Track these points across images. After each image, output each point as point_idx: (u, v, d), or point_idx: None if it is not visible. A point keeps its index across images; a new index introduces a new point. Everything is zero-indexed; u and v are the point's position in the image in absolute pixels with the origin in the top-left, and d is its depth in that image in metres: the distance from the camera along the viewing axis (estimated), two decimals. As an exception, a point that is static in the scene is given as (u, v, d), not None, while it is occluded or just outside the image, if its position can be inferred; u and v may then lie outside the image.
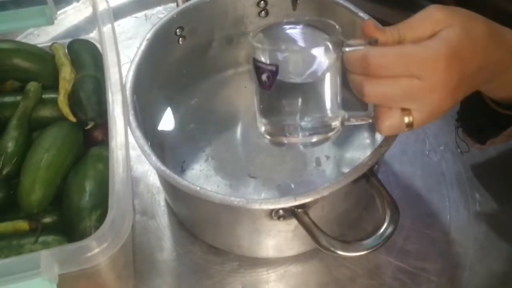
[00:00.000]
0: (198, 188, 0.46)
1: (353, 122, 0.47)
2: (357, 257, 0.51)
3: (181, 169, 0.61)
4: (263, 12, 0.65)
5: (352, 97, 0.45)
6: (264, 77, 0.45)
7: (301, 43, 0.48)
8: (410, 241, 0.57)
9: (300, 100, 0.46)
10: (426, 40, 0.41)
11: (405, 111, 0.42)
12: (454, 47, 0.40)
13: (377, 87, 0.41)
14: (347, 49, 0.43)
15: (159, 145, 0.62)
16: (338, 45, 0.44)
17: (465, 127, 0.58)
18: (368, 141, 0.62)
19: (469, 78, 0.42)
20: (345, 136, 0.62)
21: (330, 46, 0.44)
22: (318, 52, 0.45)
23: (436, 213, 0.59)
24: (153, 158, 0.48)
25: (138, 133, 0.50)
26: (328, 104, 0.46)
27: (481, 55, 0.41)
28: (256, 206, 0.45)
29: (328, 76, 0.45)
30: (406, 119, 0.42)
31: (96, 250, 0.40)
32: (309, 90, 0.46)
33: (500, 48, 0.43)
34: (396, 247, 0.56)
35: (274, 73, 0.44)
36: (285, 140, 0.48)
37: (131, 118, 0.51)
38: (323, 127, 0.47)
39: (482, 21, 0.42)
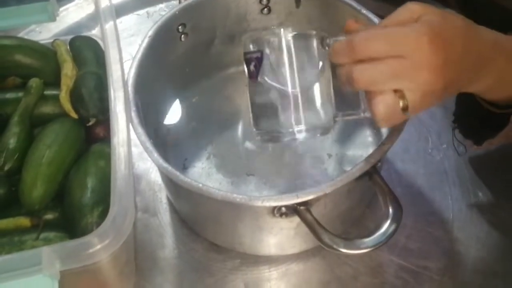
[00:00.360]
0: (200, 185, 0.46)
1: (345, 117, 0.48)
2: (360, 255, 0.51)
3: (183, 167, 0.61)
4: (265, 9, 0.64)
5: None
6: (251, 67, 0.47)
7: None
8: (412, 239, 0.56)
9: (292, 97, 0.47)
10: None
11: (398, 93, 0.42)
12: (436, 27, 0.41)
13: (365, 70, 0.41)
14: (332, 40, 0.45)
15: (161, 142, 0.62)
16: (323, 40, 0.45)
17: (462, 129, 0.58)
18: (370, 139, 0.62)
19: (454, 62, 0.42)
20: (347, 134, 0.62)
21: (315, 41, 0.46)
22: (304, 43, 0.46)
23: (438, 211, 0.59)
24: (155, 155, 0.48)
25: (140, 129, 0.50)
26: (320, 100, 0.47)
27: (462, 41, 0.42)
28: (258, 203, 0.45)
29: (317, 73, 0.46)
30: (401, 102, 0.41)
31: (98, 247, 0.40)
32: (299, 86, 0.47)
33: (479, 40, 0.44)
34: (399, 246, 0.56)
35: (259, 60, 0.46)
36: (278, 138, 0.49)
37: (133, 114, 0.51)
38: (316, 123, 0.47)
39: (457, 15, 0.44)
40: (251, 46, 0.48)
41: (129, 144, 0.46)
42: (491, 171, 0.62)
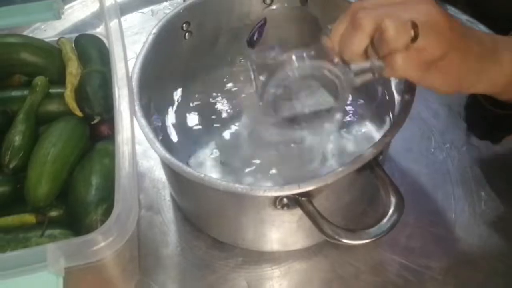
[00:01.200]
0: (202, 175, 0.46)
1: (358, 73, 0.46)
2: (362, 245, 0.49)
3: (187, 164, 0.61)
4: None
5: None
6: (256, 35, 0.46)
7: None
8: (414, 238, 0.57)
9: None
10: None
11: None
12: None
13: (367, 9, 0.42)
14: (328, 26, 0.45)
15: (164, 139, 0.62)
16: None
17: (476, 133, 0.58)
18: (372, 134, 0.62)
19: (453, 16, 0.42)
20: (348, 130, 0.62)
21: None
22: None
23: (441, 210, 0.59)
24: (158, 145, 0.48)
25: (143, 121, 0.50)
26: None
27: (457, 22, 0.43)
28: (260, 193, 0.45)
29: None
30: (412, 31, 0.40)
31: (102, 244, 0.40)
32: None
33: (477, 30, 0.45)
34: (400, 244, 0.56)
35: (263, 25, 0.47)
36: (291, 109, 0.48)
37: (137, 108, 0.50)
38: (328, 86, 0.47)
39: None
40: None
41: (133, 142, 0.46)
42: (494, 170, 0.61)
